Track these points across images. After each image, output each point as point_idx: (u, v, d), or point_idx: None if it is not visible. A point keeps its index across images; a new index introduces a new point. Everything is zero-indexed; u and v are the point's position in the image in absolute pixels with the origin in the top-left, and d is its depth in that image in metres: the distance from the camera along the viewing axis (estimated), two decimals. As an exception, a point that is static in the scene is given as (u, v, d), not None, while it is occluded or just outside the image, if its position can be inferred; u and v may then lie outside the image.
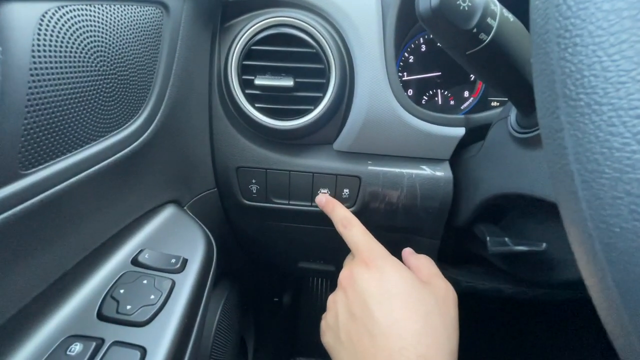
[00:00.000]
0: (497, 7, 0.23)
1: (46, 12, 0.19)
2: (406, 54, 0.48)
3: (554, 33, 0.10)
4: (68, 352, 0.21)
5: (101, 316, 0.24)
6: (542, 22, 0.11)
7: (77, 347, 0.21)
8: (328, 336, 0.32)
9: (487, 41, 0.22)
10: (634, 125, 0.09)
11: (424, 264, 0.34)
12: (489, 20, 0.22)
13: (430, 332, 0.26)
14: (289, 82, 0.36)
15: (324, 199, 0.39)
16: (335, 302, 0.32)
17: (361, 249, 0.33)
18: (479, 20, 0.22)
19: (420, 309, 0.27)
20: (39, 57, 0.18)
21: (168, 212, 0.34)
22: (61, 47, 0.20)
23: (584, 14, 0.10)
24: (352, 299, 0.30)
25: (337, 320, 0.30)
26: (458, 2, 0.21)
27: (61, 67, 0.20)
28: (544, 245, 0.32)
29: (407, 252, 0.37)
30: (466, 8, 0.21)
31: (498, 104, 0.49)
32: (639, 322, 0.09)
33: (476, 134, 0.39)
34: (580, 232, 0.10)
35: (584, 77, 0.10)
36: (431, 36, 0.47)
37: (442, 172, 0.40)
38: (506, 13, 0.23)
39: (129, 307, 0.25)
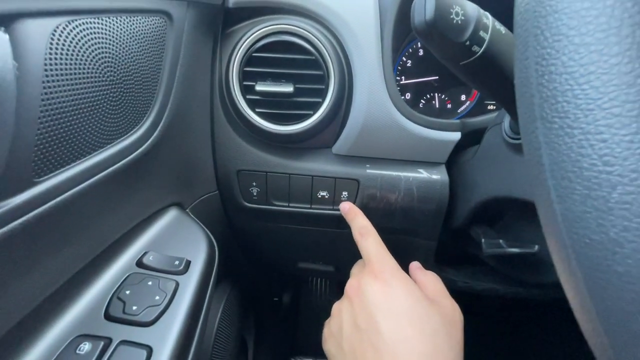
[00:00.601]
0: (489, 20, 0.24)
1: (57, 27, 0.20)
2: (404, 58, 0.49)
3: (533, 60, 0.11)
4: (77, 351, 0.22)
5: (108, 316, 0.25)
6: (523, 49, 0.12)
7: (86, 347, 0.22)
8: (330, 344, 0.31)
9: (479, 53, 0.23)
10: (600, 148, 0.10)
11: (431, 281, 0.33)
12: (481, 33, 0.23)
13: (435, 352, 0.26)
14: (289, 88, 0.37)
15: (347, 207, 0.40)
16: (341, 310, 0.31)
17: (373, 259, 0.32)
18: (471, 33, 0.23)
19: (427, 328, 0.27)
20: (51, 70, 0.19)
21: (171, 214, 0.35)
22: (71, 59, 0.21)
23: (558, 46, 0.11)
24: (358, 310, 0.29)
25: (341, 330, 0.30)
26: (452, 16, 0.22)
27: (71, 79, 0.21)
28: (536, 247, 0.33)
29: (415, 266, 0.36)
30: (459, 22, 0.22)
31: (494, 107, 0.50)
32: (607, 323, 0.10)
33: (472, 138, 0.40)
34: (557, 241, 0.11)
35: (558, 102, 0.10)
36: (427, 43, 0.48)
37: (439, 176, 0.41)
38: (498, 26, 0.24)
39: (135, 307, 0.26)
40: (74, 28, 0.21)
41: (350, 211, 0.39)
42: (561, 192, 0.11)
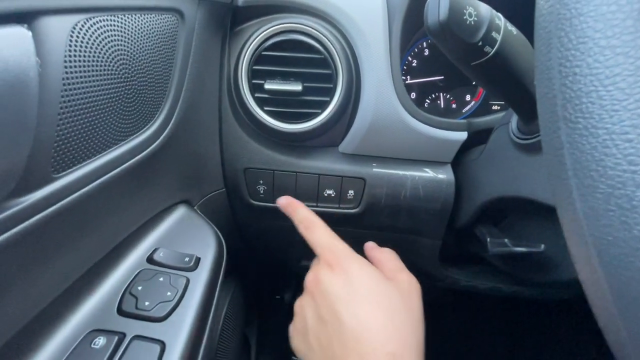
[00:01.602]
0: (502, 21, 0.24)
1: (76, 24, 0.20)
2: (410, 58, 0.49)
3: (557, 62, 0.12)
4: (92, 345, 0.22)
5: (121, 312, 0.25)
6: (545, 51, 0.12)
7: (100, 341, 0.23)
8: (297, 341, 0.31)
9: (491, 53, 0.24)
10: (625, 148, 0.10)
11: (388, 258, 0.34)
12: (493, 33, 0.23)
13: (397, 330, 0.27)
14: (297, 87, 0.37)
15: (284, 201, 0.38)
16: (303, 306, 0.31)
17: (325, 250, 0.32)
18: (484, 34, 0.23)
19: (388, 307, 0.28)
20: (70, 66, 0.19)
21: (180, 212, 0.35)
22: (89, 56, 0.21)
23: (583, 48, 0.11)
24: (319, 303, 0.29)
25: (305, 325, 0.30)
26: (465, 17, 0.22)
27: (89, 76, 0.21)
28: (543, 246, 0.33)
29: (370, 246, 0.37)
30: (472, 22, 0.23)
31: (499, 107, 0.51)
32: (628, 319, 0.10)
33: (478, 137, 0.40)
34: (578, 239, 0.11)
35: (582, 103, 0.11)
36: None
37: (445, 175, 0.41)
38: (510, 27, 0.24)
39: (147, 303, 0.26)
40: (92, 25, 0.21)
41: (289, 205, 0.38)
42: (584, 191, 0.11)
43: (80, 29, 0.20)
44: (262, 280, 0.76)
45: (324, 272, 0.31)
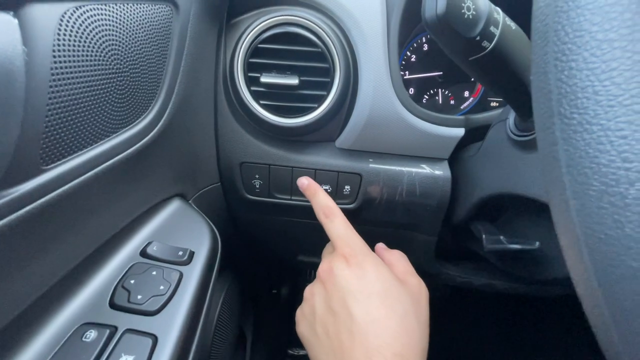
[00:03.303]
0: (500, 16, 0.23)
1: (65, 12, 0.19)
2: (408, 53, 0.49)
3: (553, 56, 0.11)
4: (83, 339, 0.22)
5: (113, 305, 0.25)
6: (542, 44, 0.12)
7: (92, 334, 0.23)
8: (303, 326, 0.32)
9: (489, 48, 0.23)
10: (620, 144, 0.10)
11: (398, 260, 0.34)
12: (491, 28, 0.23)
13: (406, 332, 0.27)
14: (294, 81, 0.37)
15: (306, 182, 0.38)
16: (313, 294, 0.32)
17: (342, 242, 0.32)
18: (482, 29, 0.23)
19: (398, 308, 0.28)
20: (59, 56, 0.19)
21: (174, 205, 0.35)
22: (79, 46, 0.20)
23: (580, 42, 0.11)
24: (331, 294, 0.30)
25: (314, 313, 0.30)
26: (463, 11, 0.22)
27: (79, 66, 0.20)
28: (537, 243, 0.33)
29: (380, 247, 0.37)
30: (470, 17, 0.22)
31: (497, 104, 0.50)
32: (618, 317, 0.10)
33: (475, 134, 0.40)
34: (570, 236, 0.11)
35: (577, 98, 0.11)
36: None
37: (441, 171, 0.41)
38: (508, 21, 0.24)
39: (139, 296, 0.26)
40: (81, 14, 0.20)
41: (310, 187, 0.38)
42: (577, 187, 0.11)
43: (70, 18, 0.20)
44: (258, 275, 0.76)
45: (339, 265, 0.31)
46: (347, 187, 0.42)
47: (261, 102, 0.38)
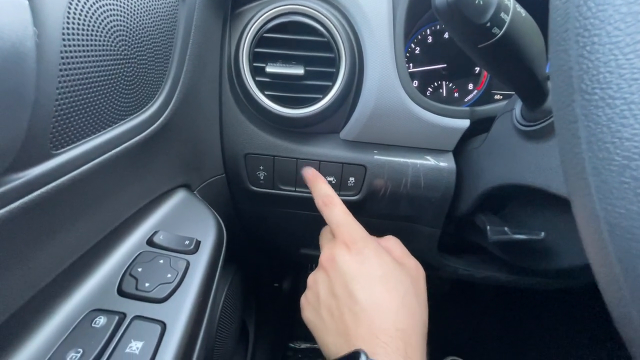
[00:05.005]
0: (511, 2, 0.23)
1: (74, -5, 0.19)
2: (412, 45, 0.49)
3: (574, 32, 0.11)
4: (93, 325, 0.22)
5: (122, 292, 0.25)
6: (562, 21, 0.12)
7: (101, 320, 0.23)
8: (308, 311, 0.33)
9: (499, 35, 0.23)
10: None
11: (395, 244, 0.35)
12: (502, 14, 0.23)
13: (407, 310, 0.28)
14: (299, 71, 0.36)
15: (310, 172, 0.39)
16: (317, 282, 0.33)
17: (342, 230, 0.33)
18: (492, 15, 0.22)
19: (399, 289, 0.29)
20: (69, 39, 0.19)
21: (180, 195, 0.35)
22: (88, 30, 0.20)
23: (603, 16, 0.10)
24: (334, 280, 0.31)
25: (318, 298, 0.31)
26: (473, -3, 0.22)
27: (88, 50, 0.20)
28: (543, 234, 0.33)
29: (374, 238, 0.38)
30: (481, 2, 0.22)
31: (501, 97, 0.50)
32: (637, 293, 0.10)
33: (480, 126, 0.40)
34: (588, 213, 0.11)
35: (600, 73, 0.11)
36: (439, 28, 0.48)
37: (446, 163, 0.41)
38: (519, 8, 0.24)
39: (147, 284, 0.26)
40: (90, -2, 0.20)
41: (313, 177, 0.39)
42: (597, 164, 0.11)
43: (79, 1, 0.19)
44: (261, 268, 0.76)
45: (340, 251, 0.32)
46: (352, 179, 0.42)
47: (266, 92, 0.38)
